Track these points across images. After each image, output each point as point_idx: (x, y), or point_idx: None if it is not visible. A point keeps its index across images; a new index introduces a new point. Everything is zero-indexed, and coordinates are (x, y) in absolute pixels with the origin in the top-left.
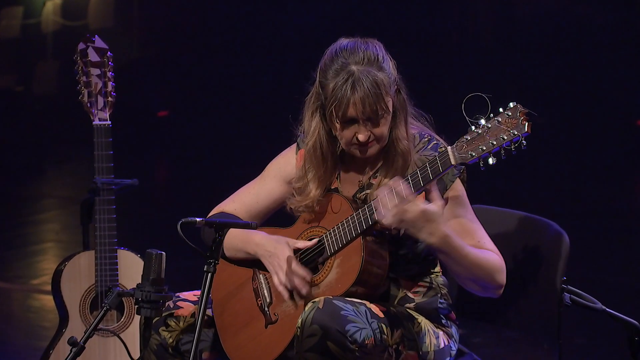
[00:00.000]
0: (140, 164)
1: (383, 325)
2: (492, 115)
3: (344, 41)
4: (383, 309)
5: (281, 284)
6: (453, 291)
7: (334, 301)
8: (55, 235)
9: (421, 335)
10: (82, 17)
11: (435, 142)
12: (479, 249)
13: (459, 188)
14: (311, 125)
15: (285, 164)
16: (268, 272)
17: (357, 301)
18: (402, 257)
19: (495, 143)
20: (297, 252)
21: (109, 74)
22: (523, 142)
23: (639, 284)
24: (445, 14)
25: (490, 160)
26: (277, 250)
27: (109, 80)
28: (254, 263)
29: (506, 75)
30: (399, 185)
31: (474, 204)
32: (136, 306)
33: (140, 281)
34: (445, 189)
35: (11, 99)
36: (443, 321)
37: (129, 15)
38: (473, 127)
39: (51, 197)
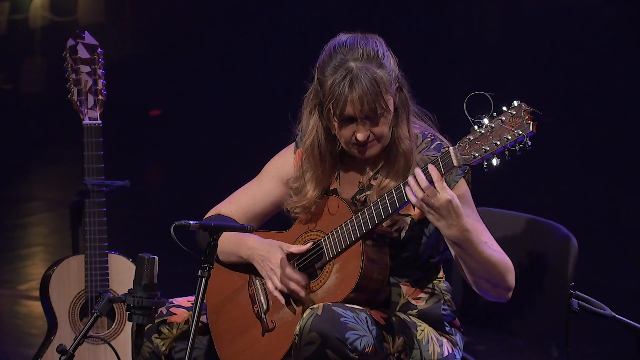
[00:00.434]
0: (132, 165)
1: (384, 332)
2: (495, 114)
3: (343, 37)
4: (384, 316)
5: (276, 288)
6: (457, 297)
7: (333, 308)
8: (43, 239)
9: (424, 343)
10: (72, 13)
11: (438, 142)
12: (490, 248)
13: (463, 188)
14: (309, 124)
15: (283, 164)
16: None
17: (357, 308)
18: (403, 262)
19: (499, 143)
20: (292, 257)
21: (100, 71)
22: (528, 142)
23: None
24: (450, 9)
25: (494, 162)
26: (270, 254)
27: (99, 78)
28: (249, 268)
29: (510, 73)
30: (433, 169)
31: (479, 206)
32: (128, 312)
33: (131, 286)
34: (450, 188)
35: None
36: (447, 328)
37: (120, 10)
38: (476, 127)
39: (39, 199)
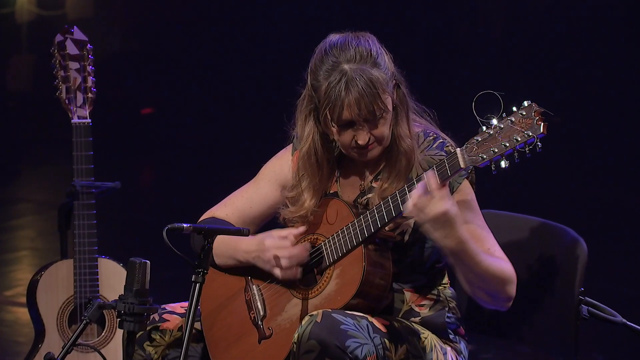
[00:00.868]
0: (123, 166)
1: (386, 340)
2: (504, 114)
3: (333, 38)
4: (386, 323)
5: (284, 272)
6: (462, 304)
7: (333, 315)
8: (30, 243)
9: (427, 351)
10: (60, 7)
11: (441, 140)
12: (492, 256)
13: (467, 191)
14: (305, 130)
15: (280, 167)
16: (261, 282)
17: (359, 315)
18: (407, 267)
19: (508, 145)
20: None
21: (89, 68)
22: (538, 144)
23: None
24: (455, 3)
25: (503, 164)
26: (262, 247)
27: (88, 75)
28: (246, 271)
29: (520, 72)
30: (431, 176)
31: (484, 208)
32: (118, 319)
33: (122, 292)
34: (452, 191)
35: None
36: (451, 336)
37: (110, 4)
38: (484, 128)
39: (26, 201)
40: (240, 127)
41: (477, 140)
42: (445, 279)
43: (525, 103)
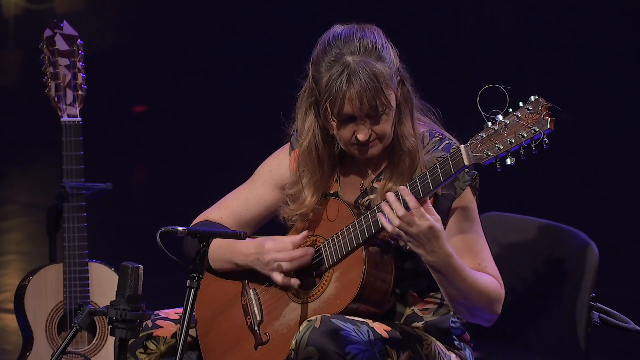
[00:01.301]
0: (115, 166)
1: (388, 346)
2: (510, 110)
3: (337, 29)
4: (388, 329)
5: (283, 277)
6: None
7: (332, 319)
8: (18, 247)
9: (431, 358)
10: (49, 0)
11: (447, 141)
12: (479, 272)
13: (469, 198)
14: (305, 124)
15: (277, 167)
16: (258, 286)
17: (359, 319)
18: (409, 270)
19: (513, 141)
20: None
21: (79, 64)
22: (545, 140)
23: None
24: None
25: (508, 161)
26: (261, 249)
27: (79, 72)
28: (243, 275)
29: (527, 65)
30: (407, 193)
31: (489, 210)
32: (110, 326)
33: (114, 298)
34: (454, 196)
35: None
36: (456, 342)
37: None
38: (489, 124)
39: (13, 203)
40: (236, 126)
41: (482, 136)
42: None
43: (532, 98)
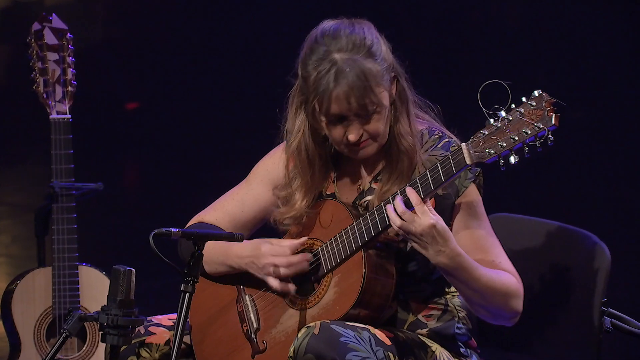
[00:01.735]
0: (106, 165)
1: (390, 354)
2: (513, 105)
3: (326, 24)
4: (390, 335)
5: (279, 283)
6: (473, 314)
7: (331, 326)
8: (5, 249)
9: None
10: None
11: (447, 139)
12: (494, 269)
13: (473, 195)
14: (295, 124)
15: (274, 166)
16: (254, 292)
17: (360, 326)
18: (412, 274)
19: (517, 139)
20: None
21: (69, 59)
22: (550, 137)
23: None
24: None
25: (512, 159)
26: (257, 252)
27: (68, 67)
28: (239, 280)
29: (530, 59)
30: (411, 192)
31: (496, 212)
32: (101, 332)
33: (105, 303)
34: (458, 194)
35: None
36: (462, 349)
37: None
38: (491, 120)
39: (0, 204)
40: (232, 124)
41: (484, 134)
42: (454, 287)
43: (536, 93)
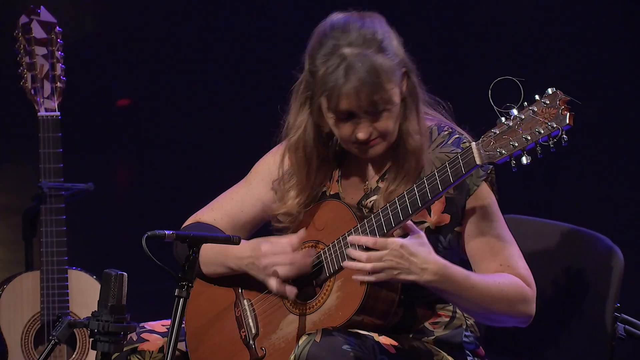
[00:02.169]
0: (97, 165)
1: None
2: (525, 104)
3: (335, 17)
4: (395, 343)
5: (280, 284)
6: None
7: (334, 333)
8: None
9: None
10: None
11: (457, 135)
12: (494, 274)
13: (485, 195)
14: (297, 119)
15: (276, 165)
16: (253, 296)
17: (363, 333)
18: None
19: (529, 138)
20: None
21: (58, 53)
22: (564, 136)
23: None
24: None
25: (524, 160)
26: (257, 252)
27: (57, 62)
28: (237, 283)
29: (544, 55)
30: (357, 240)
31: (505, 213)
32: (91, 339)
33: (96, 308)
34: (469, 194)
35: None
36: (469, 358)
37: None
38: (503, 119)
39: None
40: (230, 121)
41: (495, 133)
42: None
43: (549, 91)
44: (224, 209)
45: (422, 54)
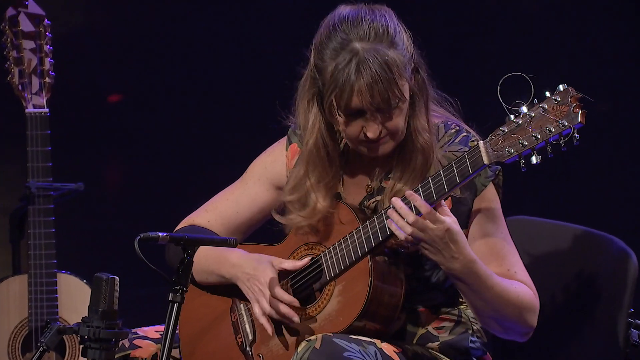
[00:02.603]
0: (87, 164)
1: None
2: (536, 101)
3: (344, 10)
4: (398, 350)
5: (263, 314)
6: None
7: (334, 339)
8: None
9: None
10: None
11: (465, 134)
12: (508, 279)
13: (492, 197)
14: (309, 119)
15: (272, 163)
16: (249, 302)
17: (365, 339)
18: (423, 283)
19: (539, 137)
20: (285, 275)
21: (47, 47)
22: (576, 135)
23: None
24: None
25: (534, 159)
26: (257, 271)
27: (46, 56)
28: (231, 290)
29: (555, 50)
30: (416, 199)
31: (513, 214)
32: (81, 346)
33: (86, 314)
34: (476, 194)
35: None
36: None
37: None
38: (512, 117)
39: None
40: (225, 118)
41: (504, 131)
42: None
43: (561, 87)
44: (218, 210)
45: (429, 48)
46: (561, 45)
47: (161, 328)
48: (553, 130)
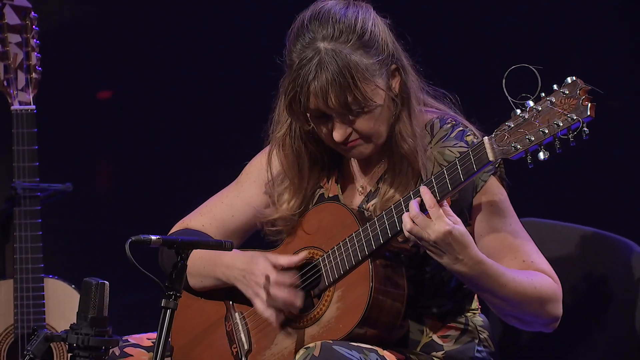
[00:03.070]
0: (75, 163)
1: None
2: (543, 94)
3: (318, 5)
4: (401, 358)
5: (267, 307)
6: (495, 334)
7: (334, 347)
8: None
9: None
10: None
11: (461, 128)
12: (526, 271)
13: (495, 190)
14: (282, 113)
15: (268, 165)
16: (245, 308)
17: (366, 346)
18: (426, 288)
19: (547, 132)
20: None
21: (33, 41)
22: (585, 129)
23: None
24: None
25: (541, 155)
26: (251, 265)
27: (32, 50)
28: (227, 295)
29: (563, 40)
30: (426, 192)
31: (524, 215)
32: (70, 354)
33: (74, 320)
34: (476, 190)
35: None
36: None
37: None
38: (518, 111)
39: None
40: (220, 118)
41: (509, 126)
42: (475, 304)
43: (569, 80)
44: (212, 213)
45: (429, 43)
46: (570, 35)
47: (153, 335)
48: (561, 125)
